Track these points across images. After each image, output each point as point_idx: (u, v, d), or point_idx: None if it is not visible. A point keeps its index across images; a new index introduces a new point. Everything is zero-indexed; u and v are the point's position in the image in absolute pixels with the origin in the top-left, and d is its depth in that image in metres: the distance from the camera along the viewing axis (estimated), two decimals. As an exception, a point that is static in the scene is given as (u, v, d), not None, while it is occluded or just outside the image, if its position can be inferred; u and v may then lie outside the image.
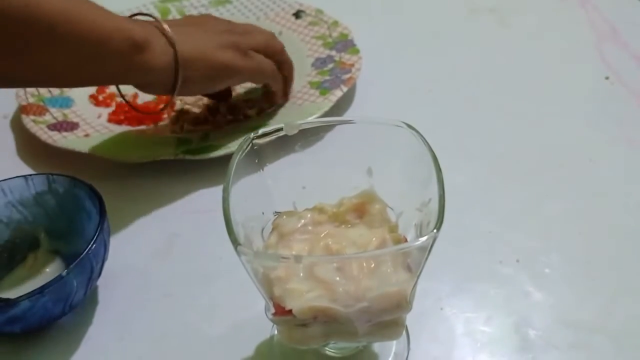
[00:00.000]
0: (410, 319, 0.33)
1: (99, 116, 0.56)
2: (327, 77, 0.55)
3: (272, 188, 0.35)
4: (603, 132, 0.53)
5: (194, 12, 0.67)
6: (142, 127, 0.54)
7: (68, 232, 0.43)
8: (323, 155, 0.35)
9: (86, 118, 0.55)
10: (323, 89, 0.54)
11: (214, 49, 0.48)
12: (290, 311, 0.30)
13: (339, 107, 0.56)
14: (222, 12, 0.67)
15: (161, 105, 0.54)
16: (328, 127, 0.35)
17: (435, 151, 0.32)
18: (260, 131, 0.34)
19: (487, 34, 0.66)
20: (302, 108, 0.53)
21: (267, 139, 0.35)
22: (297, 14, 0.64)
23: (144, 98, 0.58)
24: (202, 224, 0.46)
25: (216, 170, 0.47)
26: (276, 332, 0.37)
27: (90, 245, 0.38)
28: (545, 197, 0.47)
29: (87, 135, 0.53)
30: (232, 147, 0.49)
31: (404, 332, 0.37)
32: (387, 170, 0.34)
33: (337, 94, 0.53)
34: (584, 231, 0.44)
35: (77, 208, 0.42)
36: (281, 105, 0.55)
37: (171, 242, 0.45)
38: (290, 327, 0.31)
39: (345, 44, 0.59)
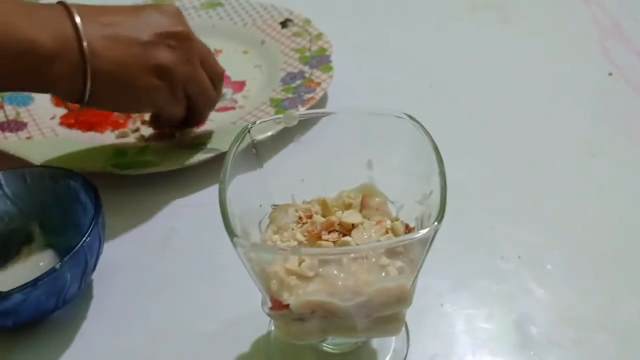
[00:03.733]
0: (409, 315, 0.33)
1: (53, 117, 0.55)
2: (290, 95, 0.54)
3: (270, 180, 0.34)
4: (606, 128, 0.53)
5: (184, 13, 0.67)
6: (91, 133, 0.53)
7: (63, 225, 0.42)
8: (322, 147, 0.35)
9: (38, 119, 0.54)
10: (280, 107, 0.53)
11: (139, 68, 0.41)
12: (287, 305, 0.29)
13: (338, 100, 0.55)
14: (212, 15, 0.66)
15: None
16: (328, 118, 0.34)
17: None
18: (258, 122, 0.33)
19: (488, 29, 0.66)
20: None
21: (265, 130, 0.34)
22: (284, 23, 0.63)
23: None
24: (200, 218, 0.46)
25: (214, 164, 0.47)
26: (273, 327, 0.37)
27: (84, 238, 0.37)
28: (547, 192, 0.47)
29: (29, 138, 0.52)
30: (163, 165, 0.47)
31: (404, 328, 0.36)
32: (387, 163, 0.34)
33: None
34: (587, 227, 0.44)
35: (72, 201, 0.42)
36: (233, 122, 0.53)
37: (168, 236, 0.45)
38: (288, 322, 0.31)
39: (321, 59, 0.58)
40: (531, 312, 0.38)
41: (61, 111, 0.56)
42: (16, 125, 0.54)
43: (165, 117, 0.47)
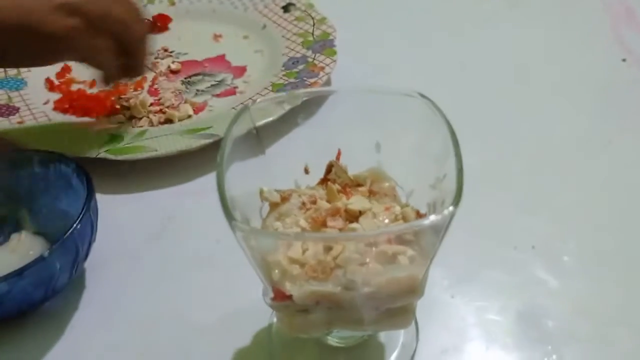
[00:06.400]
0: (418, 307, 0.31)
1: (46, 102, 0.53)
2: (292, 80, 0.52)
3: (272, 163, 0.32)
4: (621, 115, 0.51)
5: None
6: (86, 118, 0.51)
7: (54, 212, 0.40)
8: (327, 129, 0.33)
9: (31, 103, 0.52)
10: (282, 92, 0.51)
11: (45, 13, 0.37)
12: (290, 296, 0.27)
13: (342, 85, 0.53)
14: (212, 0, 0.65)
15: (112, 97, 0.53)
16: (333, 98, 0.32)
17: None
18: (259, 100, 0.31)
19: (498, 15, 0.64)
20: None
21: (268, 114, 0.32)
22: (286, 7, 0.62)
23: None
24: (198, 206, 0.44)
25: (213, 151, 0.44)
26: (275, 319, 0.35)
27: (75, 225, 0.35)
28: (562, 181, 0.45)
29: (20, 122, 0.50)
30: (160, 150, 0.46)
31: (413, 322, 0.34)
32: (397, 145, 0.32)
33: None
34: (604, 217, 0.42)
35: (63, 187, 0.40)
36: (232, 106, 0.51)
37: (165, 224, 0.43)
38: (291, 314, 0.29)
39: (324, 44, 0.56)
40: (546, 305, 0.37)
41: (55, 96, 0.54)
42: (7, 110, 0.52)
43: (97, 67, 0.43)
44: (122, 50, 0.43)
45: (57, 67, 0.57)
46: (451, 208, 0.25)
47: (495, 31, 0.62)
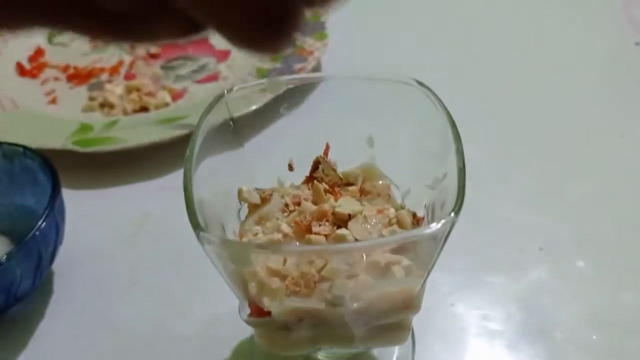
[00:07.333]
0: (415, 317, 0.28)
1: (16, 89, 0.50)
2: (278, 65, 0.49)
3: (252, 159, 0.29)
4: (635, 104, 0.47)
5: None
6: (55, 106, 0.48)
7: (19, 210, 0.37)
8: (314, 121, 0.30)
9: None
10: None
11: None
12: (269, 312, 0.24)
13: (333, 71, 0.50)
14: None
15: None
16: (321, 86, 0.29)
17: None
18: (235, 88, 0.27)
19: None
20: None
21: (247, 105, 0.28)
22: None
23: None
24: (177, 203, 0.39)
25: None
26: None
27: (37, 226, 0.32)
28: (572, 177, 0.41)
29: None
30: (132, 141, 0.42)
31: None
32: (391, 139, 0.28)
33: None
34: (617, 216, 0.39)
35: (29, 182, 0.37)
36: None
37: (141, 223, 0.40)
38: (271, 331, 0.25)
39: (314, 26, 0.53)
40: (555, 314, 0.33)
41: (26, 82, 0.51)
42: None
43: None
44: None
45: (30, 50, 0.54)
46: (452, 215, 0.22)
47: (499, 13, 0.58)
